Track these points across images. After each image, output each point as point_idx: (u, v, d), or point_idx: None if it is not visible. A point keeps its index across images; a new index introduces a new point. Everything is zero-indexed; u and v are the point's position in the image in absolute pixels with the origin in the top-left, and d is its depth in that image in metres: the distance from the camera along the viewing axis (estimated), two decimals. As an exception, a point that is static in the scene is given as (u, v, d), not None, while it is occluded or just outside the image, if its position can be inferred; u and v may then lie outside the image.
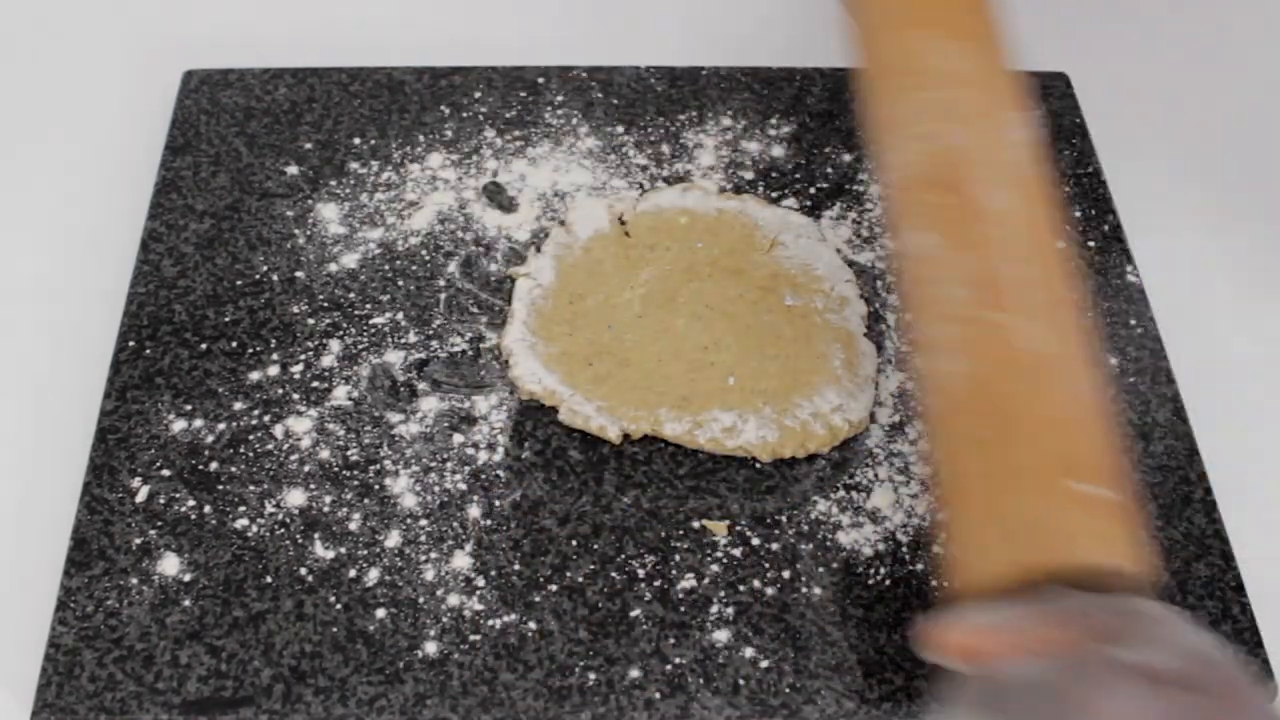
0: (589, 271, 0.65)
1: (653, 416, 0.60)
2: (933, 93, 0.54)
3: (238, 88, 0.73)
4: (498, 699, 0.53)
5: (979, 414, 0.48)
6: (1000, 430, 0.48)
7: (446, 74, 0.74)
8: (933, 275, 0.51)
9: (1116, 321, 0.65)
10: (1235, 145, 0.76)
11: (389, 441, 0.60)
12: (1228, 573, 0.57)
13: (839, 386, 0.61)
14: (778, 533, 0.58)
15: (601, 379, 0.61)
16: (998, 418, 0.48)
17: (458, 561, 0.56)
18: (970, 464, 0.48)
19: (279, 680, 0.53)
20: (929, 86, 0.54)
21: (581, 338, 0.62)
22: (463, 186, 0.69)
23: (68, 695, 0.52)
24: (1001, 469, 0.47)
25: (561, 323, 0.63)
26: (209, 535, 0.57)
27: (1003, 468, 0.47)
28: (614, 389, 0.61)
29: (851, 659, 0.54)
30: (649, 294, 0.64)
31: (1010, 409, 0.48)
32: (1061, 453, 0.47)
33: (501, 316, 0.64)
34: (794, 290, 0.64)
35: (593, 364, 0.61)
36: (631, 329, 0.63)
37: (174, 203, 0.68)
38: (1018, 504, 0.46)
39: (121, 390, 0.61)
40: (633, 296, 0.64)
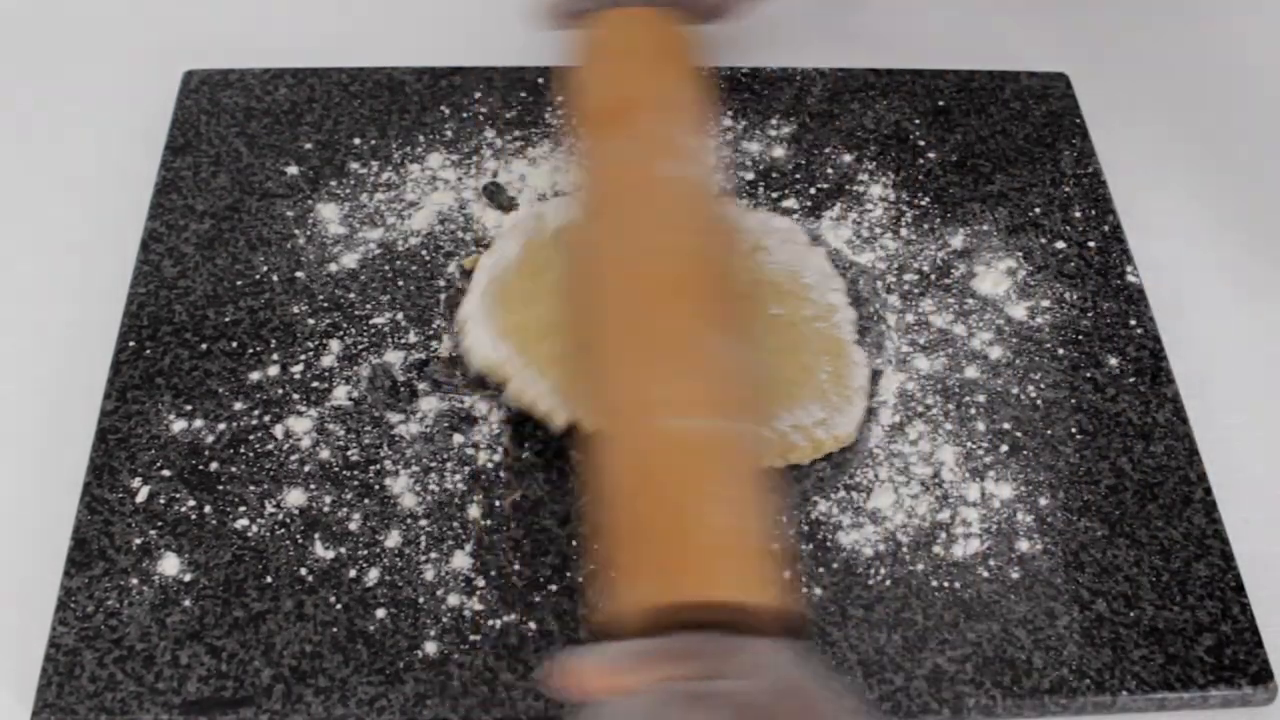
0: (555, 250, 0.64)
1: None
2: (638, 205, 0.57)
3: (238, 88, 0.73)
4: (498, 699, 0.53)
5: (625, 471, 0.50)
6: (639, 481, 0.49)
7: (446, 74, 0.74)
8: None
9: (1116, 321, 0.65)
10: (1235, 145, 0.76)
11: (389, 441, 0.60)
12: (1228, 573, 0.57)
13: (824, 400, 0.60)
14: (777, 533, 0.58)
15: (558, 358, 0.60)
16: (637, 472, 0.49)
17: (458, 561, 0.56)
18: (618, 513, 0.49)
19: (279, 680, 0.53)
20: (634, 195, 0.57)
21: (540, 309, 0.61)
22: (463, 186, 0.69)
23: (68, 695, 0.52)
24: (640, 515, 0.49)
25: (522, 294, 0.62)
26: (209, 535, 0.57)
27: (641, 514, 0.49)
28: (571, 372, 0.59)
29: (852, 659, 0.54)
30: None
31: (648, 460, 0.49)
32: (693, 494, 0.48)
33: None
34: (779, 298, 0.63)
35: (547, 339, 0.60)
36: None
37: (174, 203, 0.68)
38: (652, 546, 0.48)
39: (121, 390, 0.61)
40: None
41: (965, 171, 0.71)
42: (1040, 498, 0.59)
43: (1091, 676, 0.54)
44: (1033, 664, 0.54)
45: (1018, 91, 0.75)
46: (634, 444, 0.50)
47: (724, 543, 0.48)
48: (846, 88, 0.74)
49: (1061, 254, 0.68)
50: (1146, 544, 0.58)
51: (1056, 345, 0.64)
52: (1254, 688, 0.54)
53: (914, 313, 0.65)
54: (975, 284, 0.67)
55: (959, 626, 0.55)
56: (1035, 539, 0.58)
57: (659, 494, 0.49)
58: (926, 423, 0.61)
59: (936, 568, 0.57)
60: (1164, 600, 0.56)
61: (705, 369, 0.51)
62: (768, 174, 0.70)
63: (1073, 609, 0.56)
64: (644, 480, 0.49)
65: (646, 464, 0.49)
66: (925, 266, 0.67)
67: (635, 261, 0.54)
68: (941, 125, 0.73)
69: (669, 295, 0.53)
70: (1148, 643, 0.55)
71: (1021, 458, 0.60)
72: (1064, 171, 0.71)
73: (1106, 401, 0.62)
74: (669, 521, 0.48)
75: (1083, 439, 0.61)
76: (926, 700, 0.53)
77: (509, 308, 0.61)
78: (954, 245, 0.68)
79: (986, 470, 0.60)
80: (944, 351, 0.64)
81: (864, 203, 0.69)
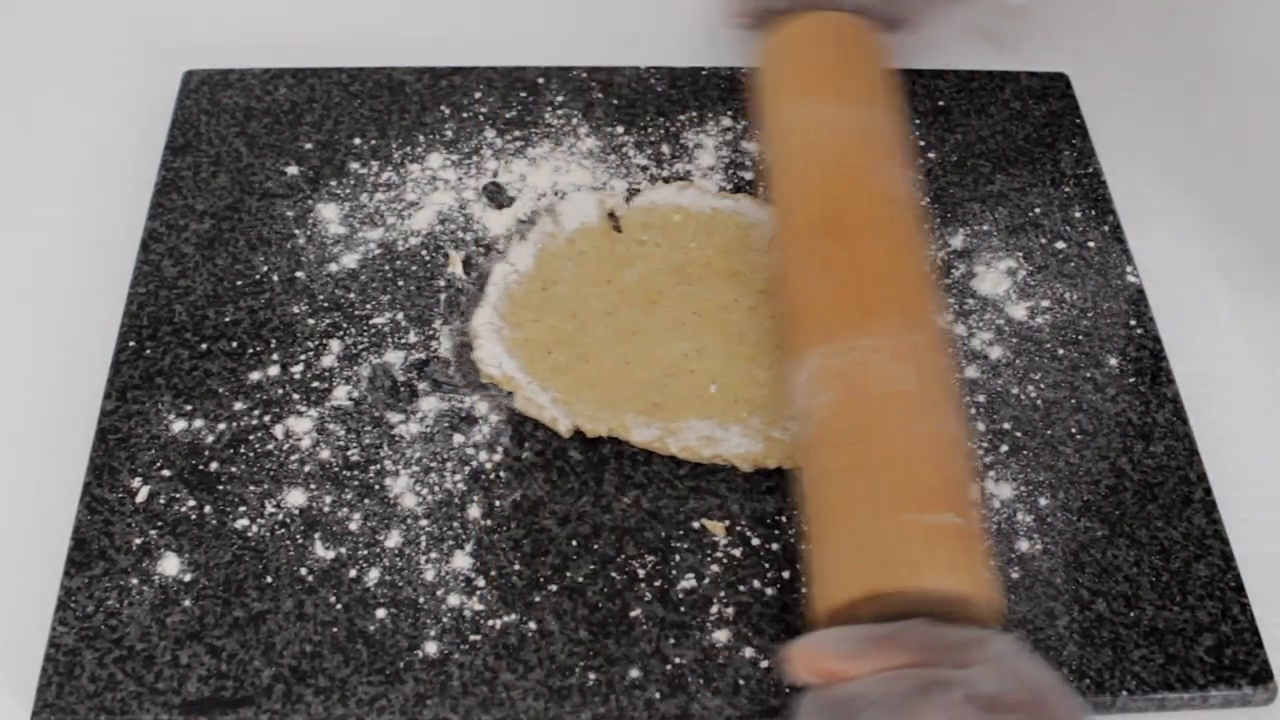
0: (570, 261, 0.64)
1: (616, 419, 0.59)
2: (824, 151, 0.61)
3: (238, 88, 0.73)
4: (498, 699, 0.53)
5: (842, 445, 0.52)
6: (860, 461, 0.52)
7: (446, 74, 0.74)
8: (810, 313, 0.57)
9: (1116, 321, 0.65)
10: (1235, 145, 0.76)
11: (389, 441, 0.60)
12: (1228, 573, 0.57)
13: None
14: (778, 533, 0.58)
15: (560, 370, 0.60)
16: (858, 449, 0.52)
17: (458, 561, 0.56)
18: (833, 494, 0.52)
19: (279, 680, 0.53)
20: (822, 144, 0.61)
21: (545, 324, 0.62)
22: (463, 186, 0.69)
23: (68, 695, 0.52)
24: (860, 499, 0.51)
25: (530, 309, 0.63)
26: (209, 535, 0.57)
27: (861, 498, 0.51)
28: (570, 383, 0.60)
29: (851, 659, 0.54)
30: (626, 292, 0.63)
31: (869, 442, 0.52)
32: (915, 484, 0.51)
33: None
34: None
35: (552, 353, 0.61)
36: (598, 324, 0.62)
37: (174, 203, 0.68)
38: (873, 533, 0.50)
39: (122, 390, 0.61)
40: (607, 291, 0.63)
41: (965, 171, 0.71)
42: (1040, 498, 0.59)
43: (1091, 676, 0.54)
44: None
45: (1017, 91, 0.75)
46: (847, 405, 0.53)
47: (951, 530, 0.49)
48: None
49: (1061, 254, 0.68)
50: (1146, 544, 0.58)
51: (1056, 345, 0.64)
52: (1254, 688, 0.54)
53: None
54: (975, 284, 0.67)
55: (959, 626, 0.55)
56: (1035, 539, 0.58)
57: (887, 480, 0.51)
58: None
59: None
60: (1164, 600, 0.56)
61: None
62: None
63: (1073, 609, 0.56)
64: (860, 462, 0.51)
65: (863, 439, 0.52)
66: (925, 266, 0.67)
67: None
68: (941, 125, 0.73)
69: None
70: (1147, 643, 0.55)
71: (1021, 458, 0.60)
72: (1064, 171, 0.71)
73: (1106, 401, 0.62)
74: (897, 508, 0.50)
75: (1083, 439, 0.61)
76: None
77: (517, 324, 0.62)
78: (954, 245, 0.68)
79: (986, 470, 0.60)
80: (944, 351, 0.64)
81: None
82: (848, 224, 0.58)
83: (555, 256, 0.65)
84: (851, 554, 0.50)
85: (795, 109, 0.63)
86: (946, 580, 0.49)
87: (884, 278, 0.57)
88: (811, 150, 0.61)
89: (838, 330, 0.55)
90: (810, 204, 0.59)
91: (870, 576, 0.49)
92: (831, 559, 0.51)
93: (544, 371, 0.60)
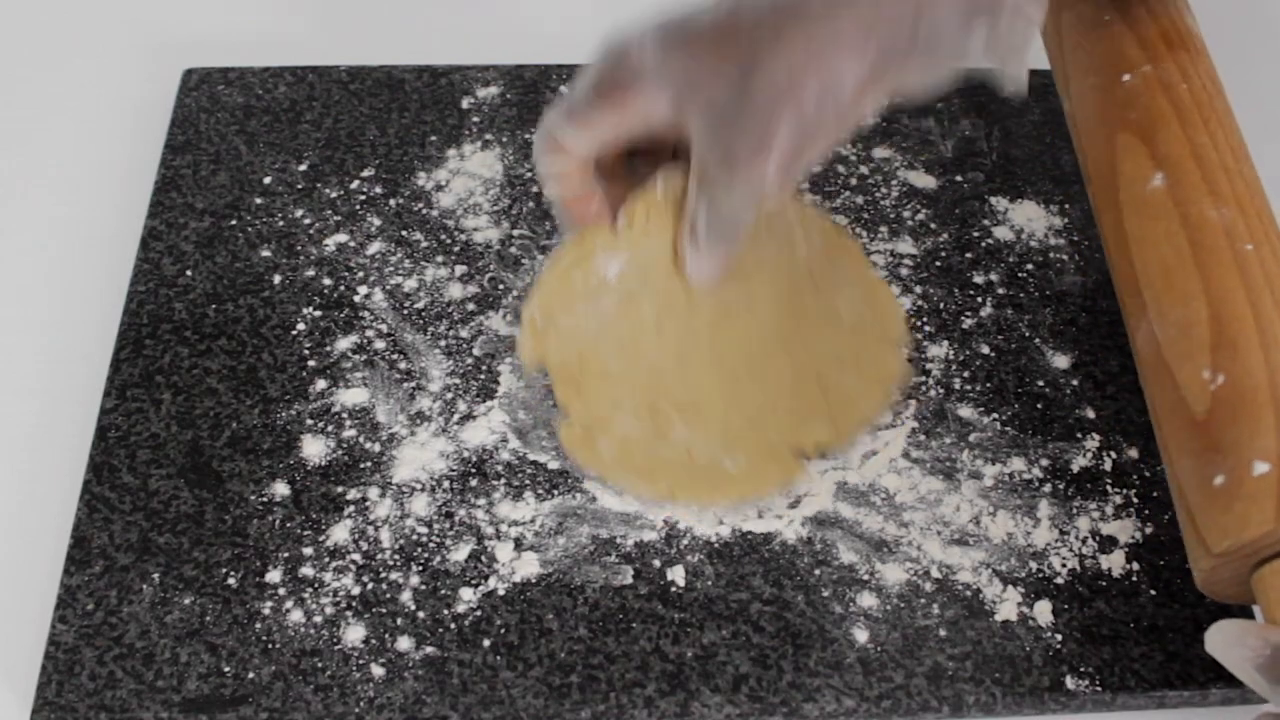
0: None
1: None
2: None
3: (238, 86, 0.73)
4: (498, 697, 0.53)
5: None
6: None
7: (446, 72, 0.74)
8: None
9: (1116, 321, 0.65)
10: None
11: (392, 439, 0.60)
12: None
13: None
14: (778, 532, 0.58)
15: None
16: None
17: (458, 558, 0.56)
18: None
19: (279, 679, 0.53)
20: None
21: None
22: (462, 187, 0.69)
23: (68, 693, 0.52)
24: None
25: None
26: (209, 534, 0.57)
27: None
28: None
29: (851, 657, 0.54)
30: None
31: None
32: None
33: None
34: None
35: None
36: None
37: (174, 201, 0.68)
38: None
39: (121, 389, 0.61)
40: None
41: (965, 171, 0.71)
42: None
43: (1091, 674, 0.54)
44: (1032, 662, 0.54)
45: (1018, 90, 0.75)
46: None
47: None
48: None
49: (1062, 253, 0.68)
50: (1146, 542, 0.58)
51: (1057, 345, 0.64)
52: (1254, 686, 0.54)
53: (912, 311, 0.65)
54: (975, 283, 0.66)
55: (959, 624, 0.55)
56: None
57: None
58: (924, 421, 0.61)
59: (936, 564, 0.57)
60: (1164, 598, 0.56)
61: None
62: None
63: (1073, 607, 0.56)
64: None
65: None
66: (924, 264, 0.67)
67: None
68: (942, 125, 0.73)
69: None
70: (1147, 640, 0.55)
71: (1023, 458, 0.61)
72: (1064, 171, 0.71)
73: (1106, 400, 0.62)
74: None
75: (1082, 437, 0.61)
76: (926, 698, 0.53)
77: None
78: (953, 243, 0.68)
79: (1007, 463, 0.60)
80: (944, 349, 0.64)
81: (878, 201, 0.69)
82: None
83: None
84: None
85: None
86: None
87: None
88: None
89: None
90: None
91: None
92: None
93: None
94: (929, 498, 0.59)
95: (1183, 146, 0.58)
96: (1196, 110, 0.59)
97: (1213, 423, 0.51)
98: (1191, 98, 0.59)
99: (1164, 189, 0.57)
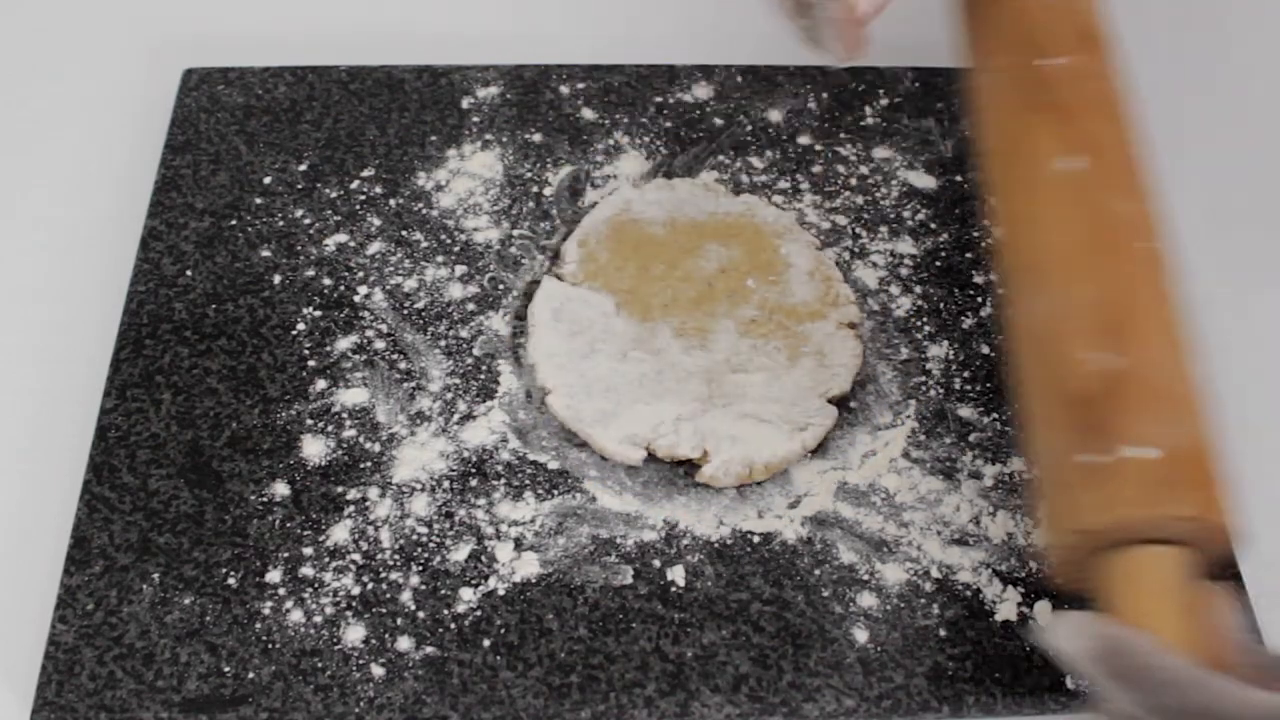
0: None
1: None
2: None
3: (238, 86, 0.73)
4: (498, 697, 0.53)
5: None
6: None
7: (446, 72, 0.74)
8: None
9: (1116, 320, 0.65)
10: (1235, 145, 0.76)
11: (391, 440, 0.60)
12: (1227, 571, 0.57)
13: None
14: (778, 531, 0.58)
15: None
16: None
17: (458, 558, 0.56)
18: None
19: (279, 678, 0.53)
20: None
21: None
22: (462, 187, 0.69)
23: (68, 693, 0.52)
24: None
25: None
26: (209, 534, 0.57)
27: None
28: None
29: (851, 657, 0.54)
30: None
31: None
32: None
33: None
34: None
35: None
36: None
37: (174, 201, 0.68)
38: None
39: (121, 389, 0.61)
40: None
41: (965, 171, 0.71)
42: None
43: (1091, 674, 0.54)
44: (1032, 662, 0.54)
45: (1018, 90, 0.75)
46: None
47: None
48: (846, 85, 0.74)
49: (1061, 252, 0.68)
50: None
51: (1056, 344, 0.64)
52: (1254, 686, 0.54)
53: (912, 311, 0.65)
54: (975, 283, 0.66)
55: (959, 624, 0.55)
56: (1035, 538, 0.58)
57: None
58: (925, 421, 0.61)
59: (936, 564, 0.57)
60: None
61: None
62: (768, 169, 0.70)
63: (1073, 607, 0.56)
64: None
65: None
66: (924, 264, 0.67)
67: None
68: (942, 125, 0.73)
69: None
70: (1147, 641, 0.55)
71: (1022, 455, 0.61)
72: (1064, 170, 0.71)
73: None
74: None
75: (1082, 437, 0.61)
76: (926, 698, 0.53)
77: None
78: (953, 243, 0.68)
79: (1004, 463, 0.60)
80: (944, 349, 0.64)
81: (879, 201, 0.69)
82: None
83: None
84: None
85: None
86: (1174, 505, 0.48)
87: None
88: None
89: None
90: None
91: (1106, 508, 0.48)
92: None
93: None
94: (929, 498, 0.59)
95: (1093, 137, 0.58)
96: (1107, 105, 0.59)
97: (1094, 403, 0.51)
98: (1103, 92, 0.59)
99: (1072, 173, 0.57)
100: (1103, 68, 0.60)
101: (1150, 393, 0.50)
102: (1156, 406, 0.50)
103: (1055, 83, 0.59)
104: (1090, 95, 0.59)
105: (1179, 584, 0.48)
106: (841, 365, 0.62)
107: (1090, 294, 0.53)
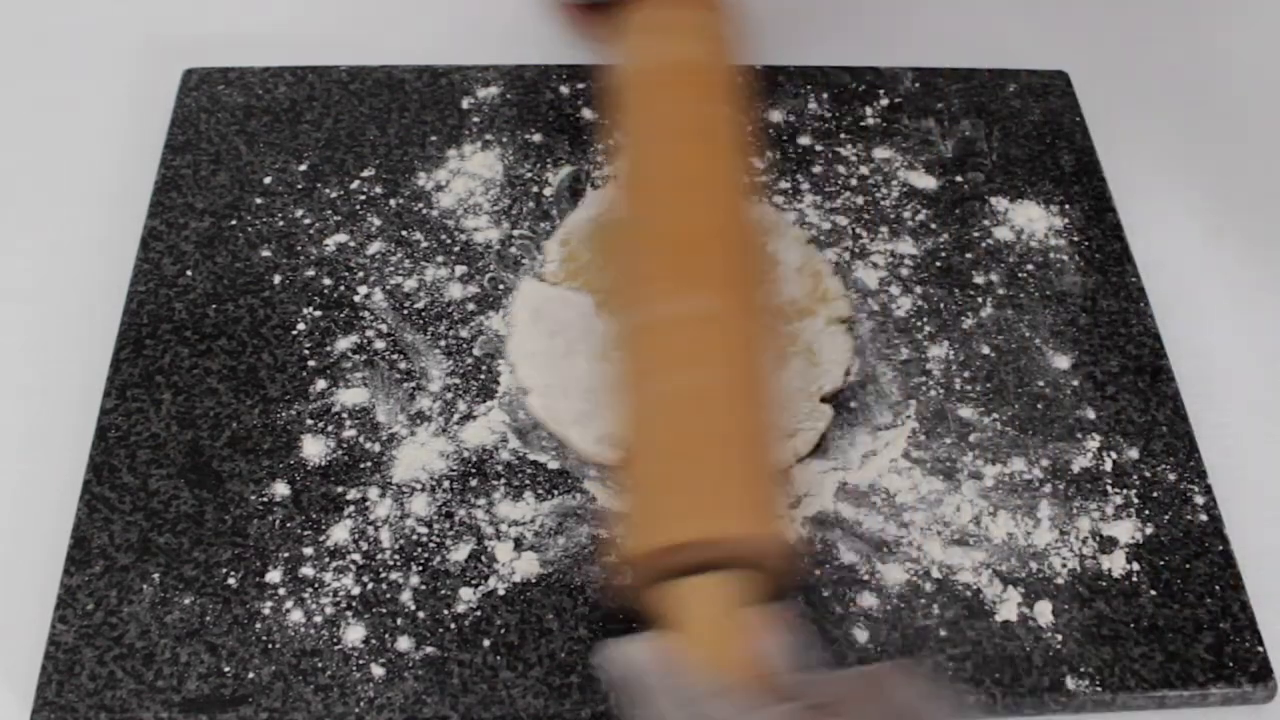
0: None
1: None
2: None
3: (238, 86, 0.73)
4: (498, 697, 0.53)
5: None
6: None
7: (446, 72, 0.74)
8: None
9: (1116, 321, 0.65)
10: (1235, 145, 0.76)
11: (392, 439, 0.60)
12: (1228, 570, 0.57)
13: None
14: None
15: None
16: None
17: (458, 558, 0.56)
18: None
19: (279, 678, 0.53)
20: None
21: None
22: (462, 187, 0.69)
23: (68, 693, 0.52)
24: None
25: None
26: (209, 534, 0.57)
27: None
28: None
29: (851, 657, 0.54)
30: None
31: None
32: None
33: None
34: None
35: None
36: None
37: (174, 201, 0.68)
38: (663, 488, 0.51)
39: (121, 389, 0.61)
40: None
41: (965, 171, 0.71)
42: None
43: (1091, 675, 0.54)
44: (1032, 662, 0.54)
45: (1018, 90, 0.75)
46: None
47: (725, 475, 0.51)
48: (846, 85, 0.74)
49: (1061, 252, 0.68)
50: (1146, 542, 0.58)
51: (1057, 345, 0.64)
52: (1254, 685, 0.54)
53: (912, 311, 0.65)
54: (975, 283, 0.66)
55: (959, 625, 0.55)
56: (1035, 537, 0.58)
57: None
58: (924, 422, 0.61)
59: (936, 564, 0.57)
60: (1164, 598, 0.56)
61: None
62: (768, 169, 0.70)
63: (1073, 607, 0.56)
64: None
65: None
66: (924, 264, 0.67)
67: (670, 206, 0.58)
68: (942, 125, 0.73)
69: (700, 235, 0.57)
70: (1147, 640, 0.55)
71: (1021, 454, 0.60)
72: (1064, 171, 0.71)
73: (1106, 400, 0.62)
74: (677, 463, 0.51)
75: (1083, 437, 0.61)
76: (926, 698, 0.53)
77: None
78: (953, 243, 0.68)
79: (990, 462, 0.60)
80: (944, 349, 0.64)
81: (878, 201, 0.69)
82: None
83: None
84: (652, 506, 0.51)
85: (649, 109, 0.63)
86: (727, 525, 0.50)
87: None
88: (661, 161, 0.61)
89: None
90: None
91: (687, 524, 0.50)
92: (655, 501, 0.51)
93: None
94: (929, 498, 0.59)
95: (729, 170, 0.60)
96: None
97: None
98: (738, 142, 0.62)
99: (708, 183, 0.59)
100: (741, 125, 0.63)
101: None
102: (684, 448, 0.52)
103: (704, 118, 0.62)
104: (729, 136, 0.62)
105: (724, 610, 0.49)
106: (832, 361, 0.62)
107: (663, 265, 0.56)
